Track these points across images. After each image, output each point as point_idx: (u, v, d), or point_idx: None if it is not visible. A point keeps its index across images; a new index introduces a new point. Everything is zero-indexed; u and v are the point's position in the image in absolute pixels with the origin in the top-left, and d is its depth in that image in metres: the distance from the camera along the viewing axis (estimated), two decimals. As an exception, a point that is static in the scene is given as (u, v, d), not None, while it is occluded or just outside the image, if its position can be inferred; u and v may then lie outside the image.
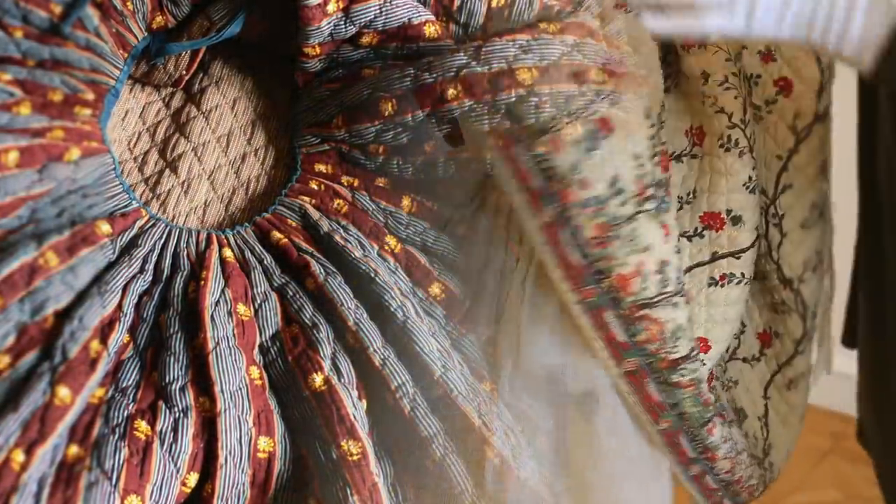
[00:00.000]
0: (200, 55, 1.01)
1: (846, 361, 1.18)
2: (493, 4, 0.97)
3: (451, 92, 0.93)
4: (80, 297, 0.84)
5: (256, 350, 0.89)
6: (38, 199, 0.86)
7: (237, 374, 0.85)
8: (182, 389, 0.84)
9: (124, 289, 0.87)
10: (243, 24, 0.99)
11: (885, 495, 1.07)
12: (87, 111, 0.92)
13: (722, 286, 1.09)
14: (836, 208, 1.13)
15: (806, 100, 1.04)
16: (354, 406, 0.86)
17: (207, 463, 0.83)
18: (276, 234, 0.94)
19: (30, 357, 0.81)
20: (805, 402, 1.16)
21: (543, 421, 0.98)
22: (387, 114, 0.95)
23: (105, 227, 0.88)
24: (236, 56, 1.05)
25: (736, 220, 1.08)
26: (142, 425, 0.81)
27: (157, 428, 0.81)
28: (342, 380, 0.87)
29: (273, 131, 1.03)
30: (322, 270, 0.91)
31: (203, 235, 0.94)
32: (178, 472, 0.81)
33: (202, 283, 0.89)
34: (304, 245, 0.93)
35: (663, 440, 1.07)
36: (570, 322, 0.98)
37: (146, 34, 0.98)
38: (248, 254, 0.93)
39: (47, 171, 0.86)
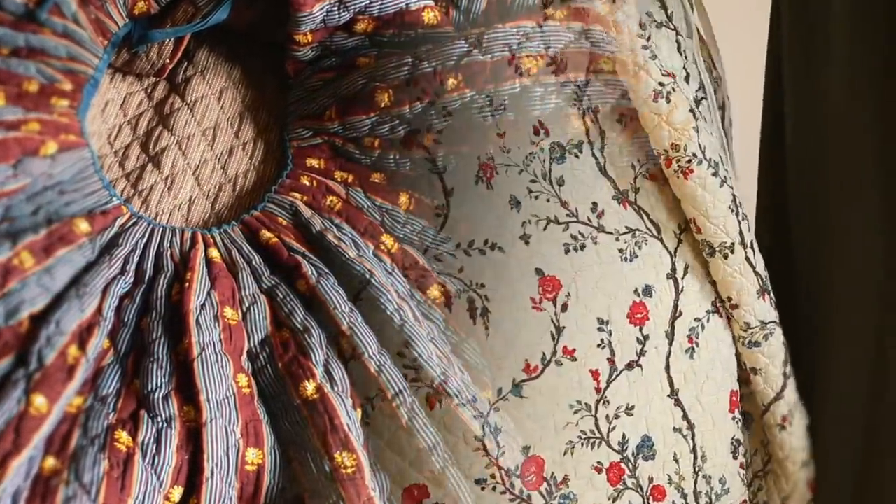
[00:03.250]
0: (185, 43, 1.00)
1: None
2: (496, -11, 0.96)
3: (451, 82, 0.92)
4: (58, 300, 0.82)
5: (244, 356, 0.87)
6: (13, 196, 0.83)
7: (224, 382, 0.83)
8: (165, 398, 0.82)
9: (104, 291, 0.85)
10: (230, 10, 0.97)
11: None
12: (65, 102, 0.89)
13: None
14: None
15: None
16: (349, 415, 0.84)
17: (192, 476, 0.81)
18: (266, 233, 0.92)
19: (3, 363, 0.78)
20: (805, 439, 1.01)
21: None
22: (383, 105, 0.94)
23: (83, 226, 0.86)
24: (223, 44, 1.03)
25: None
26: (122, 436, 0.79)
27: (139, 439, 0.79)
28: (335, 388, 0.85)
29: (262, 124, 1.02)
30: (314, 271, 0.90)
31: (188, 234, 0.92)
32: (160, 485, 0.79)
33: (187, 285, 0.87)
34: (295, 244, 0.92)
35: None
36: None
37: (127, 21, 0.96)
38: (235, 254, 0.92)
39: (22, 165, 0.83)
